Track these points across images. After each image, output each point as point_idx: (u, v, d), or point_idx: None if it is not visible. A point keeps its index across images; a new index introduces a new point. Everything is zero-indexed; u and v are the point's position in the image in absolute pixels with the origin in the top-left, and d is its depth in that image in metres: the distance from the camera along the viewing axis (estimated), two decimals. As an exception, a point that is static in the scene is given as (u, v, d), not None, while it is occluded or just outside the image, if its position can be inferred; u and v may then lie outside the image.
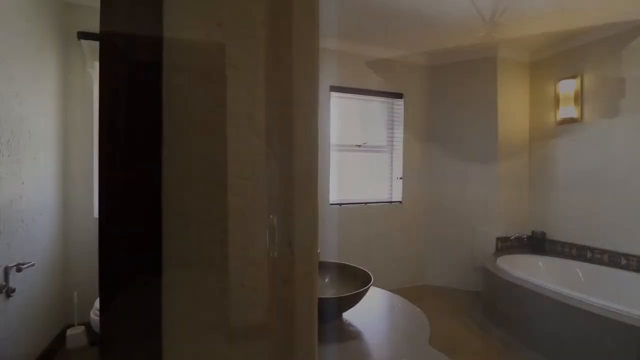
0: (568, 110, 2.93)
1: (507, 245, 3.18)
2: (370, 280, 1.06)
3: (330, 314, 1.00)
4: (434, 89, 3.43)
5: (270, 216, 0.37)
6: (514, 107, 3.26)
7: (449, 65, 3.35)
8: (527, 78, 3.34)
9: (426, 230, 3.46)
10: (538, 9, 2.43)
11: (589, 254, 2.78)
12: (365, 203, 3.20)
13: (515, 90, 3.27)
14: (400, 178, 3.34)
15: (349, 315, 1.07)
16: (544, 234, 3.11)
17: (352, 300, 0.99)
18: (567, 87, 2.94)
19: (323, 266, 1.25)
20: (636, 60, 2.50)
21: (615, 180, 2.61)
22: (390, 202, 3.34)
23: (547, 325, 2.05)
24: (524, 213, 3.29)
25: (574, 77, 2.91)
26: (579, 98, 2.87)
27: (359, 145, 3.25)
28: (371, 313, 1.11)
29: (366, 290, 1.00)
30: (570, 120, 2.92)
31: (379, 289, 1.36)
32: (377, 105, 3.35)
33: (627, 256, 2.53)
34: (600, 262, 2.68)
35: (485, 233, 3.17)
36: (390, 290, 3.29)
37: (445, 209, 3.36)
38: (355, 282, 1.14)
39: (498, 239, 3.15)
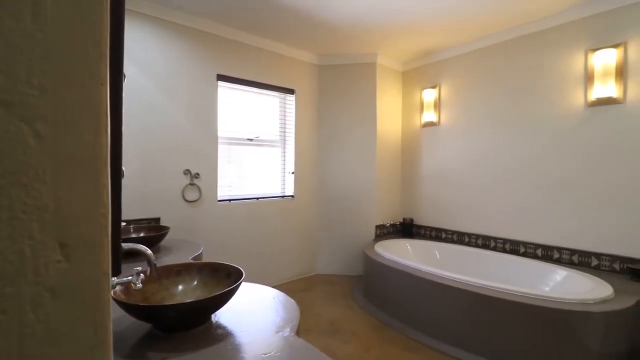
0: (429, 115, 3.47)
1: (384, 232, 3.60)
2: (242, 277, 1.02)
3: (195, 318, 0.92)
4: (323, 88, 3.60)
5: (23, 213, 0.28)
6: (389, 110, 3.68)
7: (337, 67, 3.56)
8: (400, 85, 3.82)
9: (317, 222, 3.62)
10: (410, 26, 2.79)
11: (443, 235, 3.36)
12: (257, 198, 3.14)
13: (391, 94, 3.69)
14: (293, 173, 3.40)
15: (220, 317, 1.01)
16: (412, 220, 3.62)
17: (220, 301, 0.93)
18: (429, 96, 3.48)
19: (193, 268, 1.15)
20: (475, 77, 3.12)
21: (461, 173, 3.22)
22: (283, 196, 3.37)
23: (413, 298, 2.39)
24: (397, 203, 3.78)
25: (433, 87, 3.45)
26: (438, 105, 3.43)
27: (251, 139, 3.16)
28: (245, 311, 1.07)
29: (235, 289, 0.96)
30: (431, 124, 3.47)
31: (258, 284, 1.33)
32: (269, 100, 3.32)
33: (469, 235, 3.15)
34: (451, 241, 3.27)
35: (366, 222, 3.51)
36: (282, 283, 3.32)
37: (333, 202, 3.58)
38: (228, 280, 1.08)
39: (377, 226, 3.53)
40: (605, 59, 2.34)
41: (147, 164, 2.45)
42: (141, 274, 0.85)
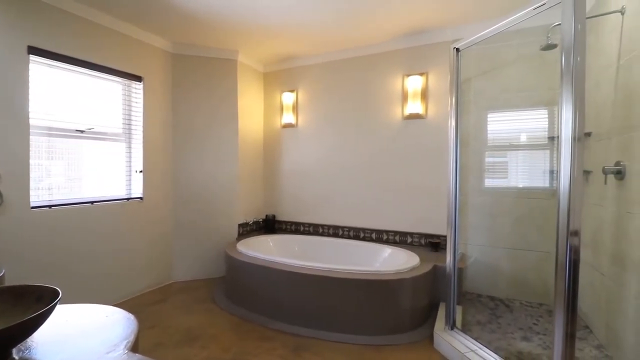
0: (288, 116, 3.69)
1: (247, 230, 3.63)
2: (57, 298, 0.86)
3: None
4: (178, 79, 3.31)
5: None
6: (252, 109, 3.72)
7: (194, 58, 3.34)
8: (262, 86, 3.91)
9: (172, 225, 3.32)
10: (267, 31, 2.87)
11: (302, 228, 3.66)
12: (92, 202, 2.63)
13: (253, 94, 3.73)
14: (141, 171, 3.01)
15: (29, 350, 0.82)
16: (274, 216, 3.78)
17: (19, 332, 0.75)
18: (288, 99, 3.70)
19: (-19, 296, 0.88)
20: (326, 86, 3.50)
21: (314, 171, 3.57)
22: (129, 198, 2.94)
23: (271, 290, 2.51)
24: (259, 200, 3.87)
25: (292, 91, 3.69)
26: (296, 108, 3.68)
27: (82, 131, 2.62)
28: (66, 337, 0.90)
29: (47, 313, 0.79)
30: (290, 125, 3.70)
31: (88, 304, 1.13)
32: (109, 86, 2.82)
33: (322, 226, 3.53)
34: (309, 233, 3.59)
35: (229, 221, 3.45)
36: (131, 298, 2.92)
37: (192, 202, 3.36)
38: (39, 305, 0.88)
39: (240, 225, 3.52)
40: (414, 83, 3.03)
41: None
42: None
